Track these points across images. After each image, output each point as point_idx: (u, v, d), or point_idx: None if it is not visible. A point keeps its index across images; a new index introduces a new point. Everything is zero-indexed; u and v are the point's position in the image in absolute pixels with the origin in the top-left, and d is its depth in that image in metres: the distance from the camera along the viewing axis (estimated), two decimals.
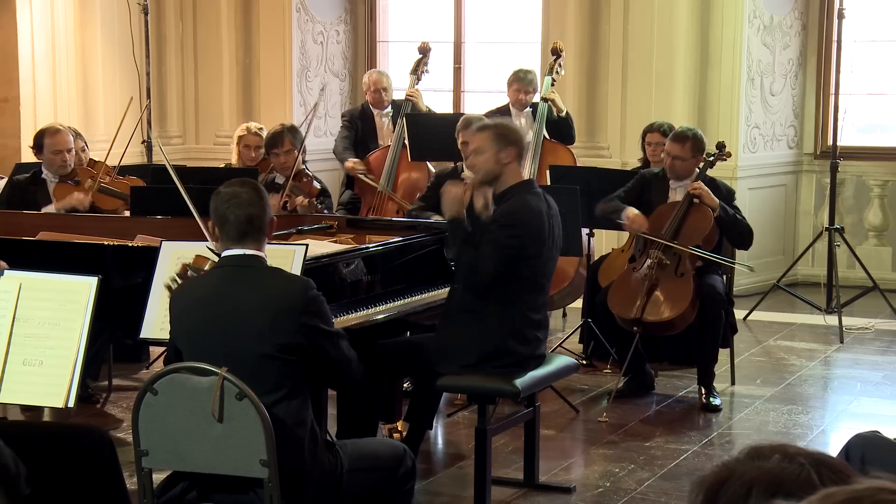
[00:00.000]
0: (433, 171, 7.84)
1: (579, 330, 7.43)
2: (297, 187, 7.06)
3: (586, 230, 7.11)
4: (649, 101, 9.41)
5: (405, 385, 6.05)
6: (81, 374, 3.90)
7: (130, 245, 5.27)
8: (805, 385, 7.11)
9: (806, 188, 10.09)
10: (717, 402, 6.59)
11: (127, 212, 6.58)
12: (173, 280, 4.07)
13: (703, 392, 6.62)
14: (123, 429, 5.88)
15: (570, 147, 8.09)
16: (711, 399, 6.59)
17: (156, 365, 6.90)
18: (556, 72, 8.25)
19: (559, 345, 7.31)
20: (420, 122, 8.07)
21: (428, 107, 8.78)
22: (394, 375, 5.41)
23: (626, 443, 6.01)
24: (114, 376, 6.73)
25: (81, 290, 3.93)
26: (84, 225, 5.93)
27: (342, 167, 8.55)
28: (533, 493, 5.32)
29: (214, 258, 4.01)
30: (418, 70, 8.55)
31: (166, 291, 4.13)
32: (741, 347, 7.54)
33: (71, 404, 3.90)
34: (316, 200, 7.06)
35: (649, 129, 7.58)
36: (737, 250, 7.03)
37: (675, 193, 6.70)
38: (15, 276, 4.00)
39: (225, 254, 3.91)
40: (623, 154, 9.40)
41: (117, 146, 7.37)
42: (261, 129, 7.86)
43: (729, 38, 9.42)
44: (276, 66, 10.60)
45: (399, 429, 5.66)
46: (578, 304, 7.57)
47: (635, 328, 6.46)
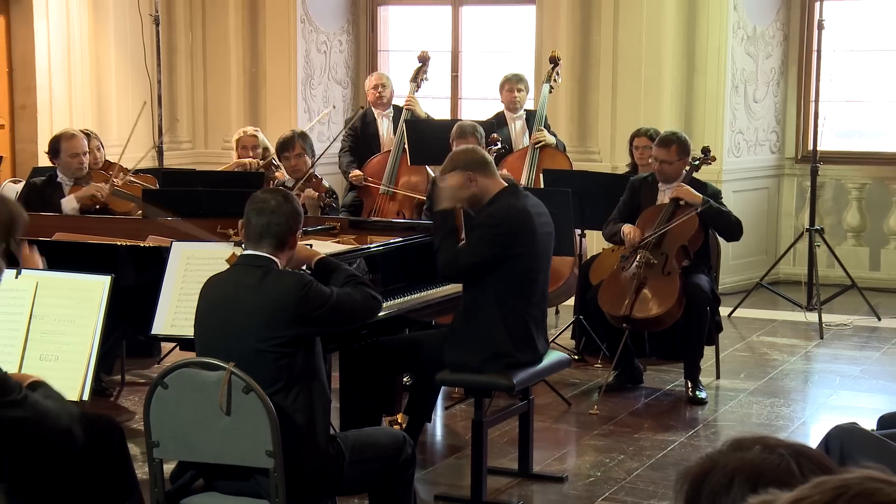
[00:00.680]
0: (432, 174, 7.85)
1: (571, 326, 7.43)
2: (308, 185, 7.06)
3: (578, 231, 7.12)
4: (638, 108, 9.42)
5: (405, 380, 6.05)
6: (95, 369, 3.90)
7: (142, 245, 5.27)
8: (787, 379, 7.12)
9: (787, 191, 10.09)
10: (702, 395, 6.59)
11: (140, 213, 6.57)
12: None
13: (689, 386, 6.63)
14: (136, 421, 5.87)
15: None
16: (697, 392, 6.59)
17: (166, 360, 6.89)
18: (554, 79, 8.25)
19: (552, 340, 7.27)
20: (419, 128, 8.08)
21: (427, 113, 8.78)
22: (394, 370, 5.40)
23: (616, 434, 6.01)
24: (126, 371, 6.73)
25: (95, 288, 3.93)
26: (98, 226, 5.93)
27: (346, 178, 8.55)
28: (527, 483, 5.32)
29: None
30: (418, 78, 8.56)
31: (176, 290, 4.15)
32: (726, 343, 7.54)
33: (85, 397, 3.89)
34: (325, 195, 7.07)
35: (636, 134, 7.59)
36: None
37: (664, 196, 6.71)
38: (32, 275, 4.00)
39: (244, 252, 3.97)
40: (613, 158, 9.40)
41: (131, 151, 7.37)
42: (256, 130, 7.87)
43: (714, 48, 9.43)
44: (281, 75, 10.60)
45: (399, 421, 5.66)
46: (571, 301, 7.58)
47: (625, 325, 6.46)
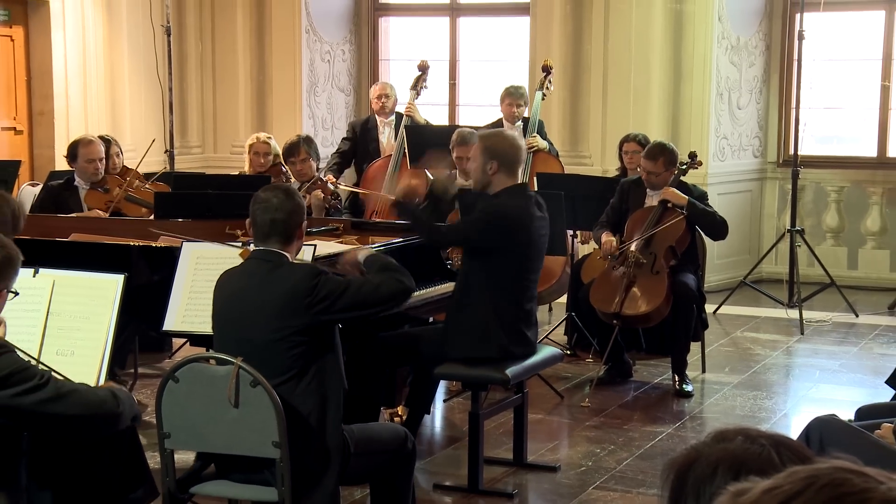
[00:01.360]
0: (431, 178, 7.82)
1: (564, 323, 7.43)
2: (314, 188, 7.05)
3: (570, 231, 7.12)
4: (627, 114, 9.42)
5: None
6: (109, 363, 3.90)
7: (154, 245, 5.27)
8: (769, 373, 7.12)
9: (770, 193, 10.10)
10: (689, 388, 6.60)
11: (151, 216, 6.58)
12: None
13: (676, 379, 6.63)
14: (148, 413, 5.86)
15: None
16: (684, 386, 6.59)
17: (178, 355, 6.90)
18: (547, 87, 8.25)
19: (545, 336, 7.30)
20: (419, 133, 8.07)
21: (426, 119, 8.77)
22: (394, 364, 5.41)
23: (607, 426, 6.01)
24: (139, 365, 6.73)
25: (109, 286, 3.93)
26: (112, 227, 5.93)
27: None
28: (522, 472, 5.32)
29: None
30: (417, 86, 8.55)
31: (187, 288, 4.16)
32: (711, 339, 7.54)
33: None
34: (330, 196, 7.07)
35: (625, 139, 7.60)
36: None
37: (651, 199, 6.72)
38: (49, 273, 4.00)
39: (254, 248, 3.99)
40: (604, 162, 9.40)
41: (144, 154, 7.39)
42: (269, 137, 7.85)
43: (700, 57, 9.43)
44: (286, 83, 10.59)
45: (399, 413, 5.66)
46: (563, 299, 7.58)
47: (615, 321, 6.47)
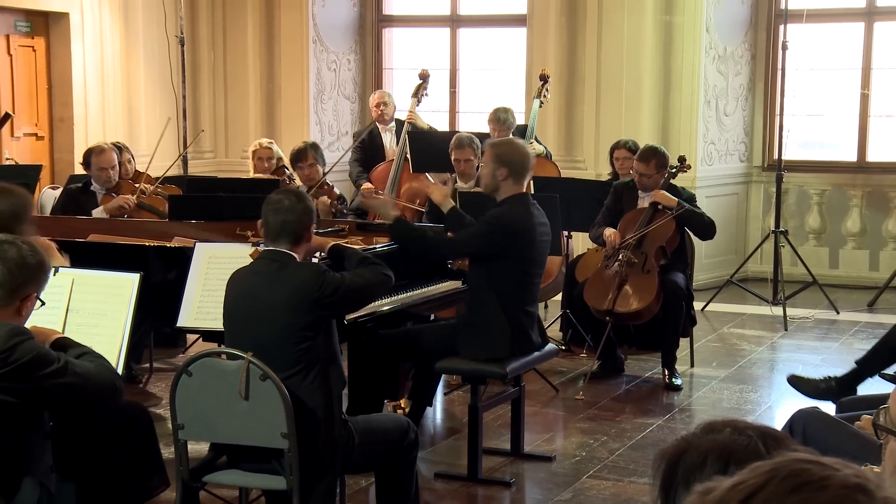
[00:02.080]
0: (432, 182, 7.82)
1: (559, 320, 7.43)
2: (321, 192, 7.05)
3: (565, 232, 7.12)
4: (620, 121, 9.41)
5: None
6: (126, 358, 3.90)
7: (169, 246, 5.27)
8: (754, 367, 7.11)
9: (755, 196, 10.10)
10: (678, 382, 6.59)
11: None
12: None
13: (666, 373, 6.62)
14: (162, 405, 5.87)
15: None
16: (673, 379, 6.59)
17: (191, 350, 6.89)
18: (544, 95, 8.24)
19: None
20: (420, 139, 8.06)
21: (429, 124, 8.76)
22: (397, 360, 5.41)
23: (600, 418, 6.00)
24: (154, 360, 6.73)
25: (126, 285, 3.93)
26: (129, 228, 5.93)
27: (356, 187, 8.48)
28: (519, 461, 5.31)
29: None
30: (418, 93, 8.54)
31: (199, 286, 4.15)
32: (699, 334, 7.53)
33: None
34: (337, 201, 7.06)
35: (616, 146, 7.56)
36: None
37: (643, 201, 6.71)
38: (68, 273, 4.00)
39: (265, 248, 3.97)
40: (597, 167, 9.40)
41: (158, 160, 7.38)
42: (271, 143, 7.83)
43: (688, 67, 9.43)
44: (295, 91, 10.59)
45: (403, 406, 5.66)
46: (558, 297, 7.58)
47: (607, 318, 6.46)
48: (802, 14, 8.98)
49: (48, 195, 7.77)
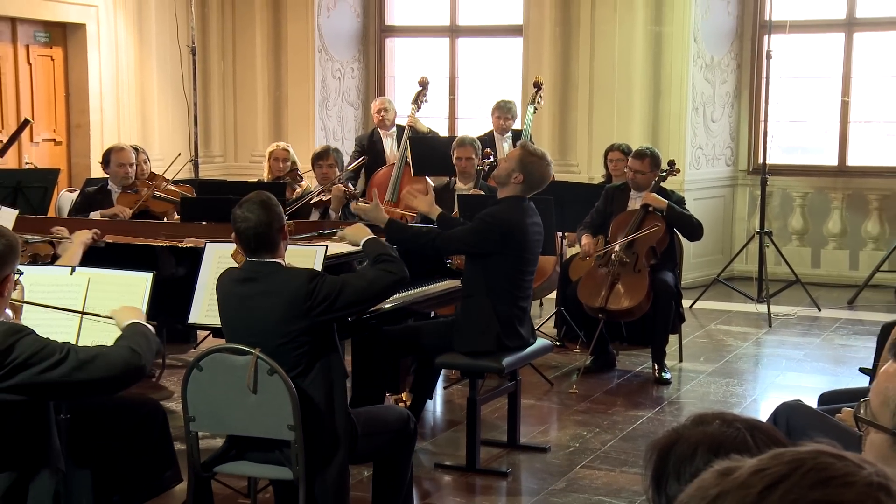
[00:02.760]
0: (431, 184, 7.81)
1: (554, 317, 7.42)
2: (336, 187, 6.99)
3: (560, 233, 7.11)
4: (612, 127, 9.41)
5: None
6: None
7: (180, 246, 5.26)
8: (740, 362, 7.11)
9: (741, 199, 10.09)
10: (667, 376, 6.58)
11: (177, 215, 6.57)
12: None
13: (656, 368, 6.62)
14: (174, 399, 5.86)
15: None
16: (663, 374, 6.58)
17: (202, 346, 6.88)
18: (538, 102, 8.23)
19: (537, 329, 7.26)
20: (421, 143, 8.05)
21: (429, 128, 8.74)
22: (399, 355, 5.39)
23: (593, 410, 6.00)
24: (166, 355, 6.71)
25: (139, 283, 3.92)
26: (143, 229, 5.92)
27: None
28: (515, 452, 5.31)
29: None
30: (418, 100, 8.53)
31: (210, 284, 4.12)
32: (687, 331, 7.52)
33: None
34: (350, 191, 6.94)
35: (610, 149, 7.58)
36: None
37: (635, 203, 6.71)
38: (85, 272, 3.99)
39: (248, 259, 3.85)
40: (590, 170, 9.39)
41: (173, 164, 7.39)
42: (287, 146, 7.83)
43: (677, 75, 9.42)
44: (301, 98, 10.58)
45: (404, 399, 5.65)
46: (553, 295, 7.57)
47: (600, 315, 6.45)
48: (786, 25, 8.98)
49: (66, 198, 7.77)
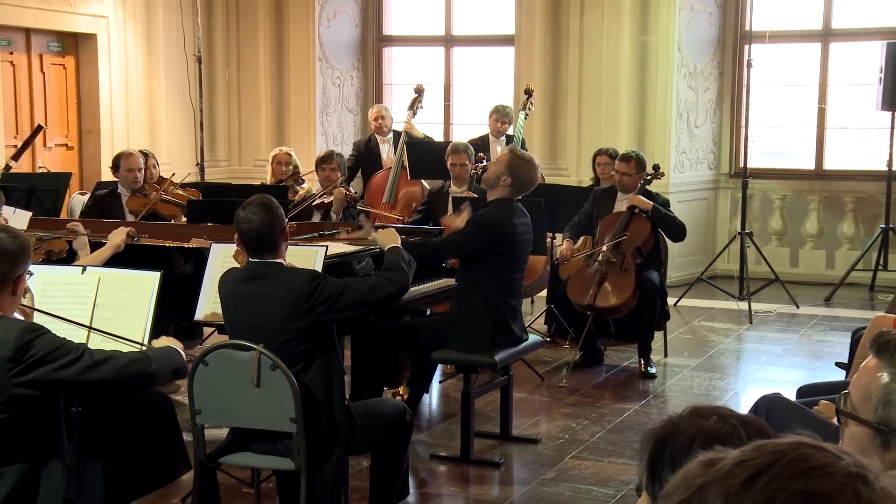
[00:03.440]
0: (427, 187, 7.80)
1: (544, 314, 7.41)
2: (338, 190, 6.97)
3: (550, 234, 7.09)
4: (599, 132, 9.40)
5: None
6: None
7: (187, 246, 5.23)
8: (722, 357, 7.10)
9: (723, 201, 10.08)
10: (653, 370, 6.57)
11: (184, 218, 6.54)
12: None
13: (642, 363, 6.61)
14: (181, 393, 5.84)
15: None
16: (649, 368, 6.57)
17: (207, 342, 6.85)
18: (529, 108, 8.22)
19: (528, 326, 7.25)
20: (417, 148, 8.04)
21: (425, 134, 8.72)
22: (396, 350, 5.38)
23: (581, 403, 5.99)
24: None
25: (148, 282, 3.90)
26: (150, 231, 5.89)
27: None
28: (507, 444, 5.30)
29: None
30: (414, 106, 8.51)
31: (216, 283, 4.09)
32: (672, 327, 7.51)
33: None
34: (350, 194, 6.92)
35: (598, 153, 7.58)
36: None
37: (621, 205, 6.69)
38: (95, 271, 3.98)
39: (249, 261, 3.83)
40: (579, 174, 9.38)
41: (180, 168, 7.35)
42: (290, 151, 7.82)
43: (662, 83, 9.42)
44: (302, 104, 10.56)
45: (401, 393, 5.63)
46: (543, 293, 7.55)
47: (588, 312, 6.44)
48: (765, 35, 8.98)
49: (77, 200, 7.75)
